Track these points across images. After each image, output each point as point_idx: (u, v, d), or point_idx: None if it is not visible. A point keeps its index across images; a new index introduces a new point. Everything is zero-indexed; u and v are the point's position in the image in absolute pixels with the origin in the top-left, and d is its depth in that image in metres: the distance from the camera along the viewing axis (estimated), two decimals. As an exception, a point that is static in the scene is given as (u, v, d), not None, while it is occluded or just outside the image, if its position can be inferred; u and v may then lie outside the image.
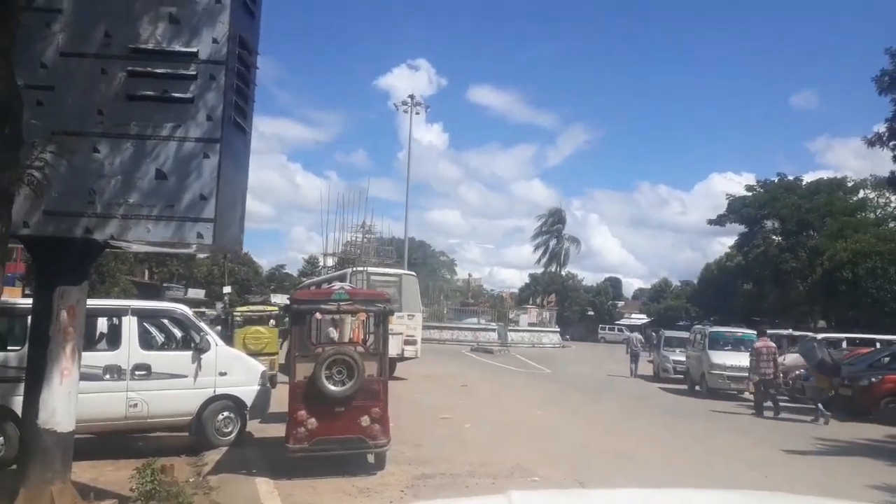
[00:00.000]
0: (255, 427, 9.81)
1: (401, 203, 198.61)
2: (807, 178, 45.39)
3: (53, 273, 5.26)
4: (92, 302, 6.74)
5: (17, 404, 6.25)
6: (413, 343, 18.66)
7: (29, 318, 5.62)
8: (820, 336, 19.68)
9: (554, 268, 72.66)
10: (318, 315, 8.32)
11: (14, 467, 5.77)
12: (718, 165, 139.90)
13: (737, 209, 45.44)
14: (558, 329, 48.66)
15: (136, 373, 8.53)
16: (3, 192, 4.44)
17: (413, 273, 21.71)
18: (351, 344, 8.72)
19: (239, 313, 17.37)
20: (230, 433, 9.06)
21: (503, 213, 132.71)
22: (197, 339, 8.93)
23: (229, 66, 5.10)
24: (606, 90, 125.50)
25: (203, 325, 9.69)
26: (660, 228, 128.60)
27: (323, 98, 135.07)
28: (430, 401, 14.64)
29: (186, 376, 8.80)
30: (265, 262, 75.31)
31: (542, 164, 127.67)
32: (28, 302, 5.98)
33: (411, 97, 42.70)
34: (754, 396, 15.68)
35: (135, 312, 8.84)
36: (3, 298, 5.81)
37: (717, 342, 19.08)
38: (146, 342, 9.01)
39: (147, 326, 9.19)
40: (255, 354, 12.30)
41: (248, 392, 9.15)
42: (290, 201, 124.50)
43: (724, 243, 65.35)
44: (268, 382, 9.67)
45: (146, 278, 45.24)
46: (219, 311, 28.80)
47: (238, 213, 5.56)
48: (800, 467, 9.36)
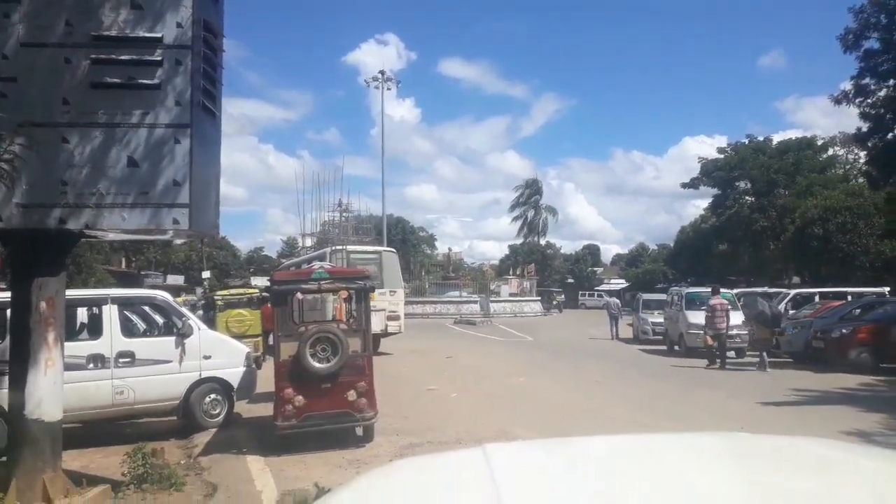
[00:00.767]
0: (243, 408, 9.90)
1: (377, 180, 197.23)
2: (777, 138, 46.02)
3: (30, 265, 5.25)
4: (71, 292, 6.72)
5: (3, 398, 6.27)
6: (396, 318, 18.79)
7: (8, 311, 5.61)
8: (761, 290, 20.47)
9: (533, 238, 73.04)
10: (300, 295, 8.37)
11: (4, 459, 5.80)
12: (691, 129, 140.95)
13: (709, 172, 45.92)
14: (539, 298, 49.08)
15: (120, 360, 8.55)
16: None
17: (393, 249, 21.77)
18: (334, 321, 8.80)
19: (220, 297, 17.33)
20: (218, 415, 9.14)
21: (480, 186, 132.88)
22: (179, 325, 8.95)
23: (195, 50, 5.07)
24: (576, 59, 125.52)
25: (185, 311, 9.71)
26: (635, 194, 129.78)
27: (291, 77, 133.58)
28: (416, 374, 14.80)
29: (171, 361, 8.83)
30: (243, 245, 74.78)
31: (516, 136, 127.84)
32: (6, 295, 5.97)
33: (382, 73, 42.40)
34: (707, 349, 16.74)
35: (115, 301, 8.82)
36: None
37: (694, 302, 19.40)
38: (128, 330, 9.02)
39: (128, 314, 9.18)
40: (239, 337, 12.34)
41: (234, 374, 9.22)
42: (264, 183, 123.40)
43: (699, 206, 66.15)
44: (253, 364, 9.74)
45: (123, 267, 44.72)
46: (199, 296, 28.63)
47: (213, 198, 5.56)
48: (774, 417, 9.67)
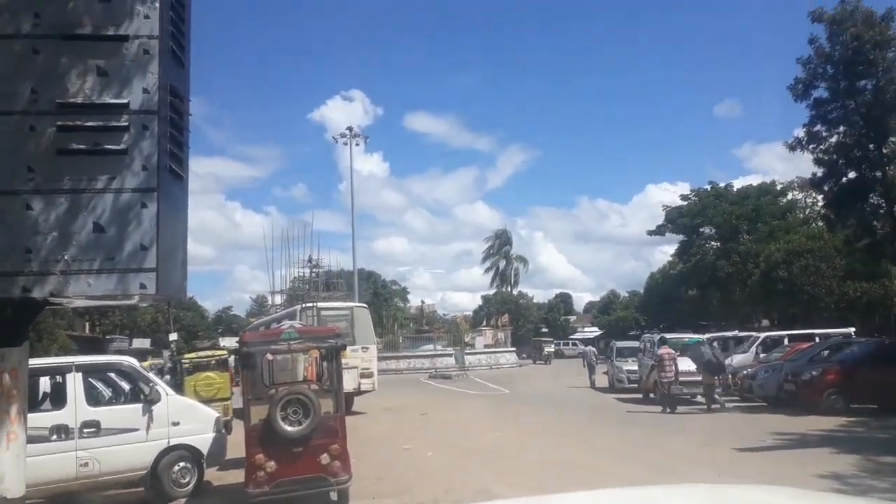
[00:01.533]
0: (214, 475, 9.62)
1: (346, 234, 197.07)
2: (737, 184, 47.35)
3: (-9, 335, 5.12)
4: (35, 361, 6.55)
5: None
6: (369, 375, 18.55)
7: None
8: (707, 336, 21.53)
9: (505, 288, 73.33)
10: (269, 356, 8.26)
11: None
12: (654, 177, 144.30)
13: (673, 219, 46.95)
14: (514, 349, 48.97)
15: (85, 430, 8.27)
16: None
17: (364, 305, 21.66)
18: (305, 382, 8.67)
19: (188, 360, 16.96)
20: (188, 483, 8.86)
21: (450, 238, 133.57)
22: (146, 391, 8.74)
23: (161, 115, 5.10)
24: (539, 110, 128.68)
25: (152, 376, 9.50)
26: (603, 241, 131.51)
27: (257, 134, 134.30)
28: (391, 432, 14.56)
29: (138, 429, 8.58)
30: (210, 305, 73.91)
31: (484, 187, 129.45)
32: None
33: (350, 129, 42.92)
34: (661, 396, 17.65)
35: (79, 368, 8.60)
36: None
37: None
38: (93, 398, 8.76)
39: (93, 382, 8.94)
40: (208, 401, 12.05)
41: (204, 440, 8.98)
42: (231, 240, 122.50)
43: (666, 252, 67.29)
44: (223, 428, 9.51)
45: (87, 331, 43.66)
46: (166, 359, 27.98)
47: (180, 259, 5.52)
48: (750, 462, 9.69)
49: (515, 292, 74.36)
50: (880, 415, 14.06)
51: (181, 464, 8.83)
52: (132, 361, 9.42)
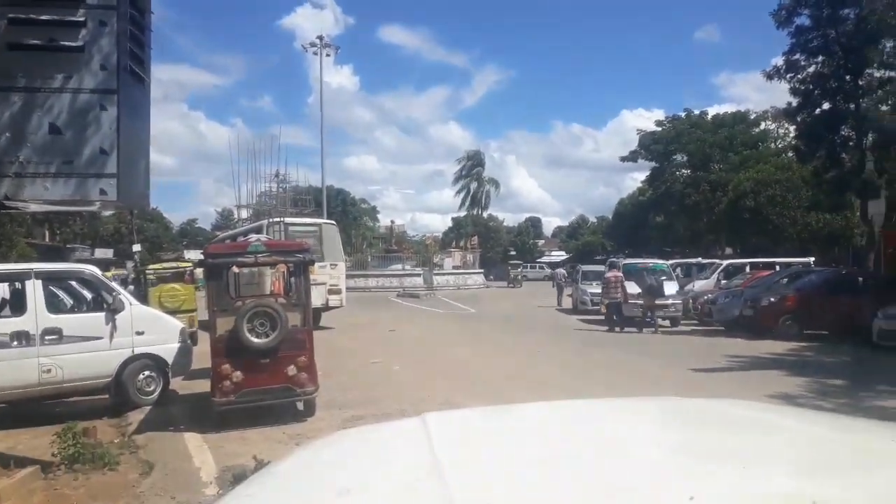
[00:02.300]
0: (180, 384, 9.73)
1: (315, 150, 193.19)
2: (712, 112, 47.34)
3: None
4: (-10, 267, 6.42)
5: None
6: (337, 292, 18.67)
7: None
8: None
9: (476, 211, 73.46)
10: (235, 268, 8.21)
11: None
12: (629, 102, 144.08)
13: (647, 145, 46.98)
14: (482, 270, 49.54)
15: (47, 337, 8.23)
16: None
17: (333, 222, 21.54)
18: (272, 296, 8.68)
19: (152, 271, 16.85)
20: (153, 392, 8.96)
21: (422, 158, 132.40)
22: (109, 300, 8.68)
23: (120, 11, 4.83)
24: (516, 29, 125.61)
25: (114, 285, 9.42)
26: (575, 167, 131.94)
27: (222, 41, 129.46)
28: (358, 347, 14.81)
29: (101, 338, 8.57)
30: (175, 218, 72.78)
31: (458, 106, 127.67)
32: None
33: (320, 38, 41.46)
34: (605, 316, 18.92)
35: (39, 275, 8.46)
36: None
37: (631, 274, 19.97)
38: (54, 306, 8.69)
39: (54, 290, 8.84)
40: (173, 312, 12.05)
41: (168, 350, 9.02)
42: (196, 152, 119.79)
43: (637, 179, 67.73)
44: (188, 339, 9.55)
45: (47, 240, 42.80)
46: (130, 270, 27.72)
47: (142, 168, 5.38)
48: (705, 383, 10.12)
49: (486, 215, 74.70)
50: (831, 341, 14.70)
51: (146, 373, 8.90)
52: (94, 270, 9.30)
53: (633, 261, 22.96)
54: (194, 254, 33.86)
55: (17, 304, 8.50)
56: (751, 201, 33.80)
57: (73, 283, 9.15)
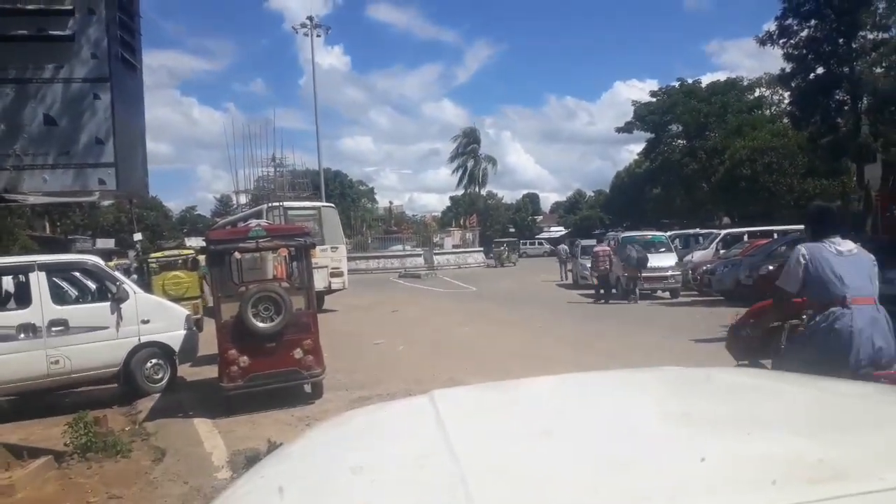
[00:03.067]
0: (187, 371, 9.78)
1: (310, 133, 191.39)
2: (705, 80, 47.03)
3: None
4: (-7, 261, 6.41)
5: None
6: (339, 275, 18.66)
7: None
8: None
9: (473, 188, 73.23)
10: (237, 254, 8.20)
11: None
12: (622, 74, 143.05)
13: (642, 116, 46.67)
14: (482, 249, 49.55)
15: (53, 329, 8.25)
16: None
17: (332, 204, 21.45)
18: (275, 280, 8.69)
19: (154, 260, 16.84)
20: (161, 379, 9.00)
21: (417, 137, 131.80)
22: (113, 290, 8.68)
23: (109, -2, 4.77)
24: (506, 2, 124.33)
25: (118, 275, 9.42)
26: (570, 141, 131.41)
27: (212, 26, 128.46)
28: (362, 329, 14.85)
29: (107, 327, 8.58)
30: (174, 206, 72.80)
31: (451, 83, 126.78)
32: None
33: (310, 18, 41.02)
34: (595, 287, 19.81)
35: (42, 267, 8.45)
36: None
37: (628, 245, 19.97)
38: (59, 297, 8.69)
39: (58, 281, 8.84)
40: (177, 299, 12.06)
41: (175, 337, 9.05)
42: (190, 138, 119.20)
43: (633, 151, 67.37)
44: (193, 326, 9.57)
45: (48, 232, 42.70)
46: (132, 259, 27.70)
47: (140, 155, 5.35)
48: (707, 352, 10.15)
49: (484, 192, 74.42)
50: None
51: (153, 360, 8.93)
52: (97, 260, 9.29)
53: (631, 233, 22.95)
54: (195, 241, 33.77)
55: (22, 297, 8.51)
56: (747, 169, 33.69)
57: (77, 274, 9.15)
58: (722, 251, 21.87)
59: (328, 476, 1.28)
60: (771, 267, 16.41)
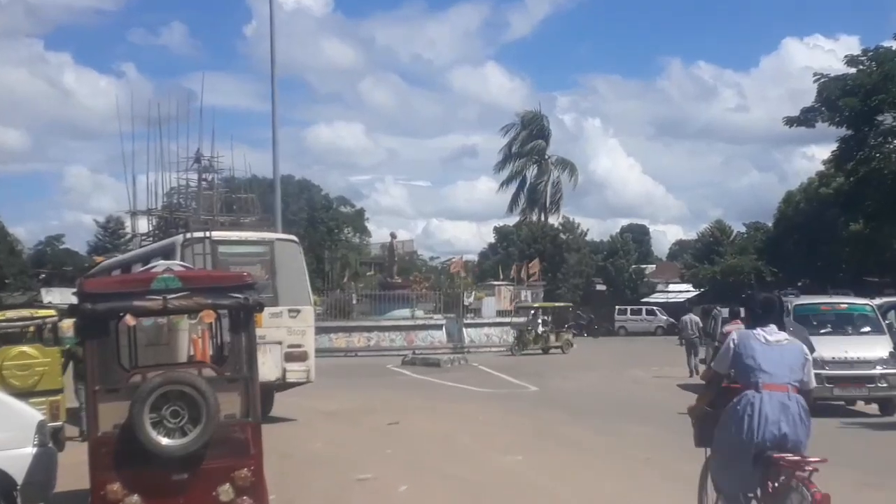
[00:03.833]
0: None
1: (260, 115, 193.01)
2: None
3: None
4: None
5: None
6: (302, 358, 18.69)
7: None
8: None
9: (536, 215, 73.54)
10: (130, 319, 8.29)
11: None
12: (796, 26, 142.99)
13: (832, 98, 46.57)
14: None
15: None
16: None
17: (293, 237, 21.65)
18: (193, 364, 8.76)
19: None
20: (-11, 538, 9.03)
21: (440, 125, 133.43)
22: None
23: None
24: None
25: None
26: (704, 138, 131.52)
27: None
28: (337, 452, 14.83)
29: None
30: (25, 234, 73.86)
31: (499, 37, 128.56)
32: None
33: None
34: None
35: None
36: None
37: (808, 322, 19.79)
38: None
39: None
40: (24, 394, 12.17)
41: (16, 459, 9.07)
42: (58, 121, 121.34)
43: (815, 156, 67.02)
44: (49, 440, 9.62)
45: None
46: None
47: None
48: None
49: (554, 222, 74.66)
50: None
51: (-24, 502, 8.99)
52: None
53: (810, 300, 22.74)
54: (59, 294, 34.20)
55: None
56: None
57: None
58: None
59: None
60: None
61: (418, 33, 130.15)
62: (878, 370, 18.77)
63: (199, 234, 18.13)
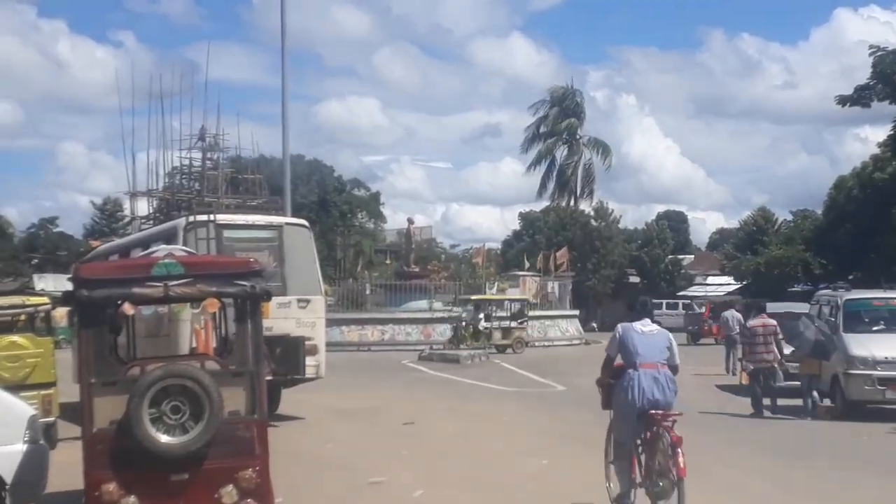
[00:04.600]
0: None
1: (270, 89, 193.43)
2: None
3: None
4: None
5: None
6: (311, 352, 18.75)
7: None
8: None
9: (565, 200, 73.30)
10: (129, 308, 8.32)
11: None
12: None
13: (889, 74, 46.27)
14: (577, 312, 49.37)
15: None
16: None
17: (303, 222, 21.67)
18: (195, 357, 8.80)
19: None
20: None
21: (462, 102, 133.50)
22: None
23: None
24: None
25: None
26: (749, 116, 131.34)
27: None
28: (349, 453, 14.85)
29: None
30: (17, 215, 74.22)
31: (526, 5, 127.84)
32: None
33: None
34: (750, 390, 20.51)
35: None
36: None
37: (859, 318, 19.67)
38: None
39: None
40: (15, 387, 12.24)
41: (5, 457, 9.13)
42: (53, 94, 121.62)
43: (870, 139, 66.62)
44: (41, 436, 9.68)
45: None
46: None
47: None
48: None
49: (585, 208, 74.38)
50: None
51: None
52: None
53: (862, 295, 22.57)
54: (53, 281, 34.38)
55: None
56: None
57: None
58: None
59: None
60: None
61: (438, 1, 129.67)
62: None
63: (203, 218, 18.17)
